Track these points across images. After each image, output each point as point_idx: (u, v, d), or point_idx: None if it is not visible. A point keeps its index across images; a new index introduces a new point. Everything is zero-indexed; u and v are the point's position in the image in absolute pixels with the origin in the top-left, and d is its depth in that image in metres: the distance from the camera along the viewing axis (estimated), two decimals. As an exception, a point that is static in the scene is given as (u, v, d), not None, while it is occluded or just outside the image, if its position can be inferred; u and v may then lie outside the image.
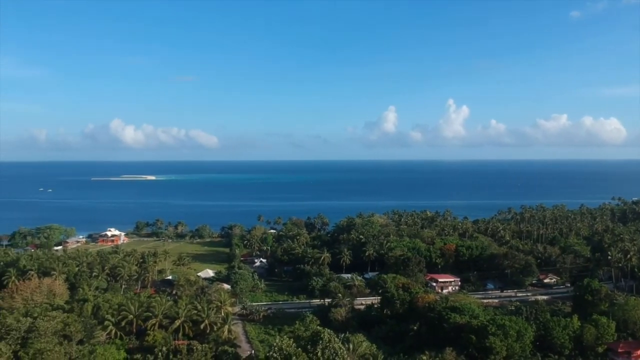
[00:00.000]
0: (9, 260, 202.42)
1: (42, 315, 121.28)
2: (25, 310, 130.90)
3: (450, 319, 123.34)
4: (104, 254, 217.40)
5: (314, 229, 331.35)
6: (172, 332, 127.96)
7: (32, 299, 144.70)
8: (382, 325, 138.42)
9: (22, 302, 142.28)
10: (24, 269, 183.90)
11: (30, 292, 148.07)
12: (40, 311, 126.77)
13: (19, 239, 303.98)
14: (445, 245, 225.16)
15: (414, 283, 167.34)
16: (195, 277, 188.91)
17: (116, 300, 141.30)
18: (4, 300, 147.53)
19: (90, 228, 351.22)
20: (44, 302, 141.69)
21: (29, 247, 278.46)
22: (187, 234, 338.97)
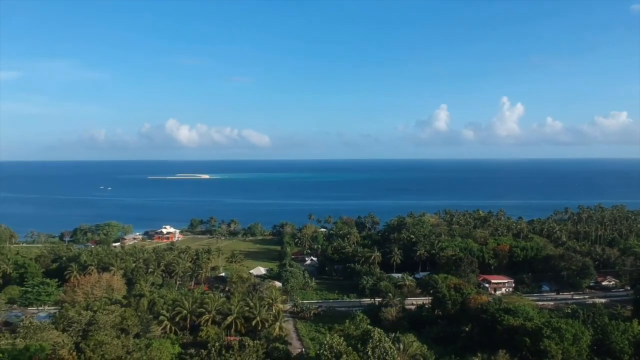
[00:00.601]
0: (71, 255, 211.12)
1: (102, 309, 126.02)
2: (85, 304, 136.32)
3: (504, 320, 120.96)
4: (160, 251, 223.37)
5: (365, 228, 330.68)
6: (224, 328, 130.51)
7: (92, 293, 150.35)
8: (433, 326, 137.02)
9: (82, 296, 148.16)
10: (84, 264, 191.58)
11: (90, 286, 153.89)
12: (100, 305, 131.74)
13: (80, 235, 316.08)
14: (498, 246, 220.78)
15: (466, 284, 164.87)
16: (247, 275, 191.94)
17: (171, 296, 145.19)
18: (67, 294, 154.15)
19: (147, 225, 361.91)
20: (103, 296, 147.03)
21: (90, 243, 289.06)
22: (240, 231, 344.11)
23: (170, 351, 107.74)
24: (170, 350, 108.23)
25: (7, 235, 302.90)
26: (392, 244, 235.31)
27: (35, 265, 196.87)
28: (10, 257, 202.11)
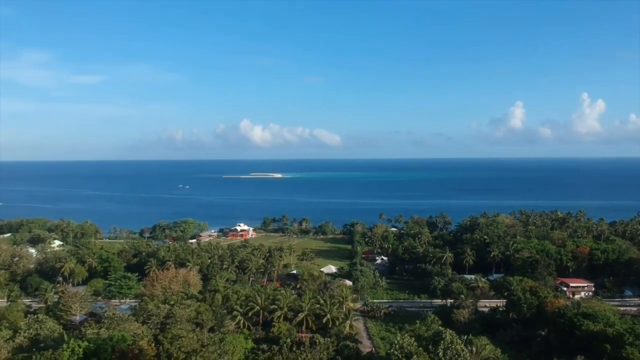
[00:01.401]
0: (150, 251, 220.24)
1: (179, 303, 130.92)
2: (163, 298, 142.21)
3: (583, 325, 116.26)
4: (234, 248, 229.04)
5: (436, 228, 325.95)
6: (296, 324, 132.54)
7: (170, 288, 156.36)
8: (507, 329, 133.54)
9: (161, 290, 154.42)
10: (163, 259, 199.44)
11: (168, 281, 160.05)
12: (177, 299, 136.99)
13: (159, 231, 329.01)
14: (577, 248, 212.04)
15: (542, 287, 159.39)
16: (318, 272, 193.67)
17: (244, 292, 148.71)
18: (146, 288, 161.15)
19: (222, 223, 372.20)
20: (180, 291, 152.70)
21: (168, 240, 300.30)
22: (311, 230, 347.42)
23: (243, 346, 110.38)
24: (243, 345, 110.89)
25: (92, 231, 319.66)
26: (464, 245, 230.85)
27: (117, 260, 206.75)
28: (95, 251, 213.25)
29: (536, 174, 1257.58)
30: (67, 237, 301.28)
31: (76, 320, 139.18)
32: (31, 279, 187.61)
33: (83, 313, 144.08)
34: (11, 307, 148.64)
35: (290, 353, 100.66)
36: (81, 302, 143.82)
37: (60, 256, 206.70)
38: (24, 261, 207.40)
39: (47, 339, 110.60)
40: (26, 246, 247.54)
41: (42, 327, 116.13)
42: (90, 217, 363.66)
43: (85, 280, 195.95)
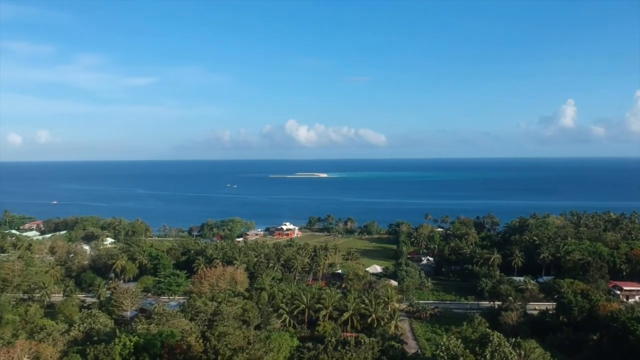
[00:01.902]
0: (198, 249, 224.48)
1: (226, 301, 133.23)
2: (211, 295, 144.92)
3: (637, 330, 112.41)
4: (280, 247, 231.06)
5: (483, 229, 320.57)
6: (341, 323, 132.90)
7: (217, 285, 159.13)
8: (557, 333, 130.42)
9: (208, 288, 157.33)
10: (210, 257, 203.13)
11: (215, 278, 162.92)
12: (224, 297, 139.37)
13: (207, 230, 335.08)
14: (632, 250, 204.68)
15: (594, 290, 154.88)
16: (363, 272, 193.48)
17: (290, 291, 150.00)
18: (194, 285, 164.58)
19: (268, 222, 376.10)
20: (227, 289, 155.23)
21: (215, 238, 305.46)
22: (356, 230, 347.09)
23: (288, 344, 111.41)
24: (288, 342, 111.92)
25: (143, 229, 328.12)
26: (513, 246, 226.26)
27: (167, 258, 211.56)
28: (146, 249, 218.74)
29: (588, 174, 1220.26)
30: (119, 234, 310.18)
31: (127, 316, 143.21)
32: (85, 275, 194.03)
33: (134, 309, 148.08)
34: (67, 302, 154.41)
35: (335, 352, 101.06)
36: (132, 298, 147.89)
37: (112, 253, 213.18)
38: (79, 258, 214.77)
39: (100, 333, 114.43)
40: (81, 243, 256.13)
41: (95, 322, 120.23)
42: (141, 215, 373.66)
43: (135, 277, 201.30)
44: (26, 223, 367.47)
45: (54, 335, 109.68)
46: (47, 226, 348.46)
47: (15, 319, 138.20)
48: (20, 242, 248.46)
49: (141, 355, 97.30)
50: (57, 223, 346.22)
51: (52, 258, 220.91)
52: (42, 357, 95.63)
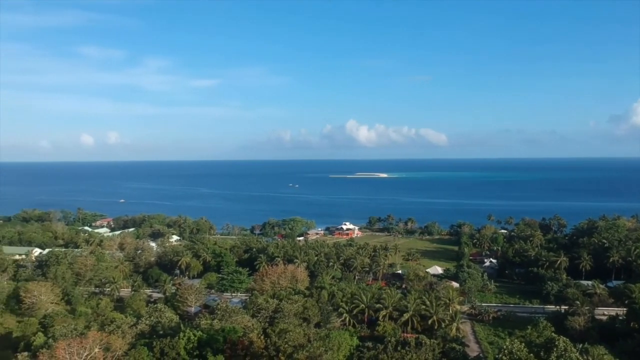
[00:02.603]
0: (260, 247, 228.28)
1: (287, 298, 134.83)
2: (272, 293, 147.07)
3: None
4: (340, 246, 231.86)
5: (549, 231, 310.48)
6: (401, 324, 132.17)
7: (278, 283, 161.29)
8: (628, 340, 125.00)
9: (270, 285, 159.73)
10: (272, 255, 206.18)
11: (277, 276, 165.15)
12: (285, 294, 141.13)
13: (269, 229, 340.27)
14: None
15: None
16: (424, 273, 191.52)
17: (350, 290, 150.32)
18: (256, 282, 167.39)
19: (328, 221, 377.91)
20: (288, 286, 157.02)
21: (277, 237, 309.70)
22: (417, 230, 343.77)
23: (348, 343, 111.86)
24: (348, 341, 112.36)
25: (207, 227, 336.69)
26: (581, 249, 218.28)
27: (230, 255, 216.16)
28: (210, 247, 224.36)
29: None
30: (184, 232, 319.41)
31: (191, 311, 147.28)
32: (152, 271, 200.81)
33: (198, 305, 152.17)
34: (134, 297, 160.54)
35: (395, 352, 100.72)
36: (196, 294, 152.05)
37: (177, 250, 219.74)
38: (146, 254, 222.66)
39: (165, 327, 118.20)
40: (148, 240, 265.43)
41: (161, 316, 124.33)
42: (205, 214, 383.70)
43: (200, 273, 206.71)
44: (97, 220, 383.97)
45: (122, 328, 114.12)
46: (116, 223, 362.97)
47: (88, 311, 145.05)
48: (92, 239, 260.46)
49: (204, 350, 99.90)
50: (126, 220, 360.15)
51: (121, 254, 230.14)
52: (111, 348, 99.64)
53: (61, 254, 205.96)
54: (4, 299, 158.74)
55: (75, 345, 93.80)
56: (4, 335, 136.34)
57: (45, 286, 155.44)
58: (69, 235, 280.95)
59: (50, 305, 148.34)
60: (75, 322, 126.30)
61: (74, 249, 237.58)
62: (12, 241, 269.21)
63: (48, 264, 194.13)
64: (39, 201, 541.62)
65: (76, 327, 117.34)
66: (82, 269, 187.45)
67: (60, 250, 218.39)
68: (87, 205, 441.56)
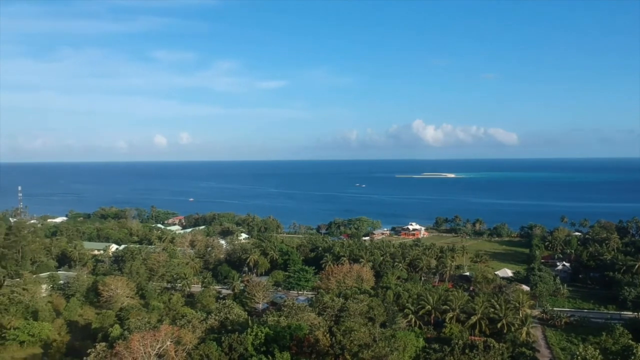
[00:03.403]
0: (326, 246, 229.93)
1: (352, 298, 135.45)
2: (338, 291, 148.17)
3: None
4: (405, 246, 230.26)
5: (627, 234, 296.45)
6: (468, 327, 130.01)
7: (344, 282, 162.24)
8: None
9: (335, 284, 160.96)
10: (338, 254, 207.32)
11: (342, 275, 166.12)
12: (350, 293, 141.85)
13: (334, 228, 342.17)
14: None
15: None
16: (492, 275, 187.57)
17: (415, 290, 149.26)
18: (322, 281, 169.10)
19: (394, 221, 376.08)
20: (353, 286, 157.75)
21: (342, 236, 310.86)
22: (485, 231, 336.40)
23: (414, 344, 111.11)
24: (414, 342, 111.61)
25: (274, 225, 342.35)
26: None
27: (296, 254, 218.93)
28: (277, 245, 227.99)
29: None
30: (252, 230, 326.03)
31: (259, 308, 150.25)
32: (221, 268, 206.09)
33: (265, 301, 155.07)
34: (204, 292, 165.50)
35: (463, 355, 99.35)
36: (264, 292, 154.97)
37: (246, 248, 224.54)
38: (216, 251, 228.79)
39: (234, 322, 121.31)
40: (217, 238, 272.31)
41: (230, 312, 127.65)
42: (273, 212, 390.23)
43: (267, 271, 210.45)
44: (170, 218, 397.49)
45: (193, 323, 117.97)
46: (187, 221, 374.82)
47: (160, 306, 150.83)
48: (165, 236, 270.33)
49: (271, 346, 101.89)
50: (197, 218, 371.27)
51: (192, 251, 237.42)
52: (182, 342, 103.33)
53: (136, 250, 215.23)
54: (84, 291, 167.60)
55: (149, 338, 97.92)
56: (84, 326, 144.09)
57: (121, 280, 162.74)
58: (143, 232, 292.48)
59: (125, 298, 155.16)
60: (148, 315, 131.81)
61: (148, 245, 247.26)
62: (91, 237, 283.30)
63: (124, 260, 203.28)
64: (116, 199, 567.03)
65: (149, 321, 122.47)
66: (155, 265, 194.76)
67: (135, 247, 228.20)
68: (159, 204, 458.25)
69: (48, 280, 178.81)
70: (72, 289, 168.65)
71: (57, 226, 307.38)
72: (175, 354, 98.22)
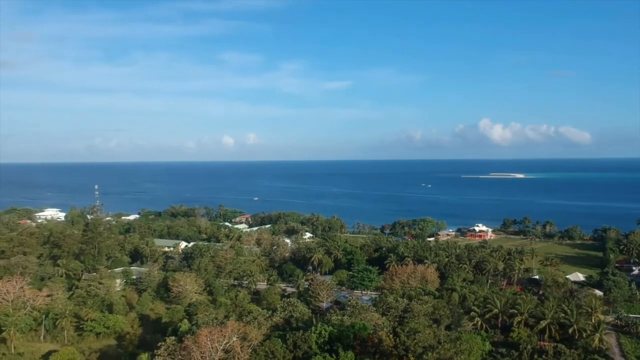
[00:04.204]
0: (390, 246, 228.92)
1: (416, 299, 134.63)
2: (402, 292, 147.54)
3: None
4: (472, 248, 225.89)
5: None
6: (537, 331, 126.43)
7: (408, 283, 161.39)
8: None
9: (399, 285, 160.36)
10: (401, 255, 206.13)
11: (406, 276, 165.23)
12: (415, 294, 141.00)
13: (399, 228, 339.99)
14: None
15: None
16: (563, 279, 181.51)
17: (482, 293, 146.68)
18: (385, 281, 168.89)
19: (459, 222, 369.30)
20: (417, 287, 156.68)
21: (407, 237, 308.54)
22: (556, 234, 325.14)
23: (480, 347, 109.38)
24: (480, 346, 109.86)
25: (338, 225, 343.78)
26: None
27: (360, 253, 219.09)
28: (341, 244, 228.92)
29: None
30: (316, 230, 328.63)
31: (323, 307, 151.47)
32: (286, 266, 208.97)
33: (329, 300, 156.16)
34: (270, 290, 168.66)
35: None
36: (328, 290, 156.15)
37: (310, 247, 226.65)
38: (281, 250, 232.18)
39: (298, 320, 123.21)
40: (283, 236, 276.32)
41: (294, 310, 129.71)
42: (337, 212, 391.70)
43: (331, 270, 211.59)
44: (237, 217, 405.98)
45: (259, 320, 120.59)
46: (254, 220, 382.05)
47: (227, 302, 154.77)
48: (232, 234, 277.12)
49: (335, 345, 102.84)
50: (263, 217, 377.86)
51: (258, 249, 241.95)
52: (248, 338, 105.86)
53: (204, 247, 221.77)
54: (155, 287, 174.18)
55: (216, 333, 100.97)
56: (155, 320, 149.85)
57: (190, 277, 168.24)
58: (211, 230, 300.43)
59: (194, 294, 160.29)
60: (216, 311, 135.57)
61: (216, 243, 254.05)
62: (162, 234, 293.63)
63: (193, 256, 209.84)
64: (185, 198, 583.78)
65: (217, 317, 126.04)
66: (223, 262, 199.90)
67: (203, 244, 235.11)
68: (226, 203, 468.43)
69: (122, 275, 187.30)
70: (144, 284, 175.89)
71: (130, 223, 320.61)
72: (241, 350, 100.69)
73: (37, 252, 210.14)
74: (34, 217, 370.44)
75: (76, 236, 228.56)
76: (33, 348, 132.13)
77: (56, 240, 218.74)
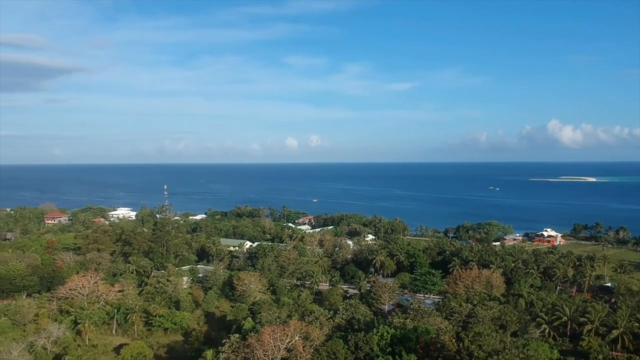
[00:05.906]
0: (453, 250, 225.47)
1: (481, 304, 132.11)
2: (466, 297, 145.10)
3: None
4: (539, 253, 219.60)
5: None
6: (608, 341, 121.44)
7: (472, 287, 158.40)
8: None
9: (463, 289, 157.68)
10: (466, 259, 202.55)
11: (470, 280, 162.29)
12: (479, 299, 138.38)
13: (463, 232, 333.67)
14: None
15: None
16: (637, 287, 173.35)
17: (550, 300, 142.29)
18: (449, 285, 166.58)
19: (526, 227, 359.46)
20: (482, 292, 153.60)
21: (471, 241, 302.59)
22: (630, 240, 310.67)
23: (547, 355, 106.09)
24: (547, 354, 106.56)
25: (401, 227, 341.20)
26: None
27: (423, 256, 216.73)
28: (403, 247, 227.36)
29: None
30: (378, 232, 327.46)
31: (384, 309, 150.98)
32: (348, 267, 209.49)
33: (391, 303, 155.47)
34: (332, 291, 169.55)
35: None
36: (390, 293, 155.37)
37: (372, 249, 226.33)
38: (343, 251, 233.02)
39: (360, 322, 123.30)
40: (345, 238, 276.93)
41: (356, 311, 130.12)
42: (399, 214, 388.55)
43: (393, 272, 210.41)
44: (300, 217, 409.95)
45: (320, 320, 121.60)
46: (316, 221, 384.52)
47: (290, 302, 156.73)
48: (295, 234, 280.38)
49: (397, 348, 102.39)
50: (325, 219, 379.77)
51: (320, 250, 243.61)
52: (310, 337, 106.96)
53: (268, 247, 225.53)
54: (220, 285, 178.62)
55: (279, 332, 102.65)
56: (220, 318, 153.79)
57: (254, 276, 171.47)
58: (275, 230, 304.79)
59: (258, 293, 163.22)
60: (279, 311, 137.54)
61: (279, 243, 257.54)
62: (228, 234, 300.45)
63: (257, 256, 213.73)
64: (250, 199, 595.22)
65: (280, 316, 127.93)
66: (286, 262, 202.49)
67: (267, 244, 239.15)
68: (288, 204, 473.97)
69: (189, 273, 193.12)
70: (210, 282, 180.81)
71: (197, 223, 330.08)
72: (303, 349, 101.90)
73: (110, 249, 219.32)
74: (107, 215, 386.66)
75: (146, 234, 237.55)
76: (106, 341, 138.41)
77: (127, 238, 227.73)
